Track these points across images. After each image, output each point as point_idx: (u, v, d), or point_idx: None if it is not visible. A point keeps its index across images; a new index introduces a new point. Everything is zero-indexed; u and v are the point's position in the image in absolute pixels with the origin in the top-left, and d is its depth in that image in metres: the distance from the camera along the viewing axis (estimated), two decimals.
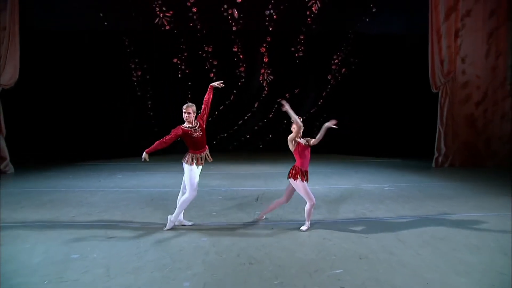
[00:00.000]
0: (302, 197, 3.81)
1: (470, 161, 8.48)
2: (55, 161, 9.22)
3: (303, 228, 3.74)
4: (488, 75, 8.40)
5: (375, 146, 10.75)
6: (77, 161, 9.37)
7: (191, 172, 3.70)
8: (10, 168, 7.82)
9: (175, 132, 3.65)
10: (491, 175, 7.19)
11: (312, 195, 3.70)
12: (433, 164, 8.61)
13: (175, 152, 11.23)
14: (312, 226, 3.86)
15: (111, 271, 2.74)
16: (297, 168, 3.68)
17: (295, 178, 3.65)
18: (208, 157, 3.90)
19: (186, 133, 3.68)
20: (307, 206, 3.71)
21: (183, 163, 3.77)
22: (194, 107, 3.78)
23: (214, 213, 4.48)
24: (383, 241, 3.40)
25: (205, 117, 3.87)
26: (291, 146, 3.71)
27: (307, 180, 3.68)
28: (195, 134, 3.71)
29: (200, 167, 3.82)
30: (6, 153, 7.81)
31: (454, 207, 4.67)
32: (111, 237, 3.55)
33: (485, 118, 8.51)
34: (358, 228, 3.81)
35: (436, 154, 8.65)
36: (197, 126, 3.76)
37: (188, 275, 2.67)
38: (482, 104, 8.49)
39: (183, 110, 3.73)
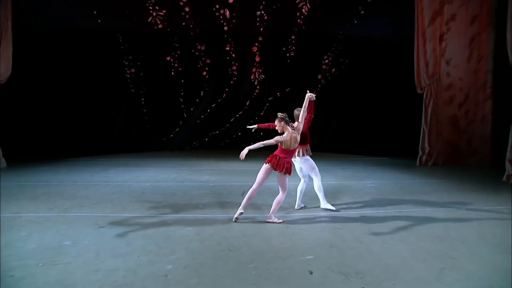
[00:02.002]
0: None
1: (452, 160, 8.84)
2: (48, 156, 9.36)
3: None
4: (470, 78, 8.74)
5: (364, 145, 11.08)
6: (70, 157, 9.52)
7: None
8: (3, 163, 7.94)
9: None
10: (469, 173, 7.55)
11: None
12: (418, 163, 8.95)
13: (168, 149, 11.49)
14: (291, 219, 4.14)
15: (101, 256, 2.97)
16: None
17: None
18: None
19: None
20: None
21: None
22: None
23: (201, 206, 4.73)
24: (355, 232, 3.68)
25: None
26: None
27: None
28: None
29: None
30: None
31: (428, 202, 4.98)
32: (101, 227, 3.77)
33: (467, 119, 8.86)
34: (335, 220, 4.09)
35: (420, 153, 8.99)
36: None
37: (172, 259, 2.92)
38: (464, 105, 8.83)
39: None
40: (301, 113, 4.09)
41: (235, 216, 3.94)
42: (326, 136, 11.52)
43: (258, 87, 11.43)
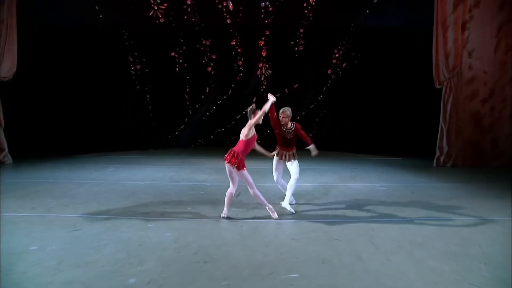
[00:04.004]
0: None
1: (474, 160, 8.05)
2: (54, 153, 9.39)
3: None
4: (497, 71, 7.90)
5: (376, 143, 10.39)
6: (75, 153, 9.51)
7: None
8: (9, 159, 8.00)
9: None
10: (494, 176, 6.79)
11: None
12: (434, 164, 8.23)
13: (172, 147, 11.32)
14: (285, 225, 3.71)
15: (62, 264, 2.69)
16: (241, 156, 3.73)
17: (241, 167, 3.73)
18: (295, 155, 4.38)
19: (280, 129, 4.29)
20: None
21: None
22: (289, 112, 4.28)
23: (190, 208, 4.40)
24: (354, 245, 3.21)
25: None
26: (247, 132, 3.79)
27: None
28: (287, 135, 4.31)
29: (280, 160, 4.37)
30: (5, 144, 7.99)
31: (444, 210, 4.40)
32: (76, 230, 3.52)
33: (492, 117, 8.04)
34: (333, 230, 3.63)
35: (437, 153, 8.25)
36: (292, 128, 4.33)
37: (137, 271, 2.59)
38: (489, 101, 8.01)
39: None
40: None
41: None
42: (335, 134, 10.93)
43: (265, 83, 10.99)
